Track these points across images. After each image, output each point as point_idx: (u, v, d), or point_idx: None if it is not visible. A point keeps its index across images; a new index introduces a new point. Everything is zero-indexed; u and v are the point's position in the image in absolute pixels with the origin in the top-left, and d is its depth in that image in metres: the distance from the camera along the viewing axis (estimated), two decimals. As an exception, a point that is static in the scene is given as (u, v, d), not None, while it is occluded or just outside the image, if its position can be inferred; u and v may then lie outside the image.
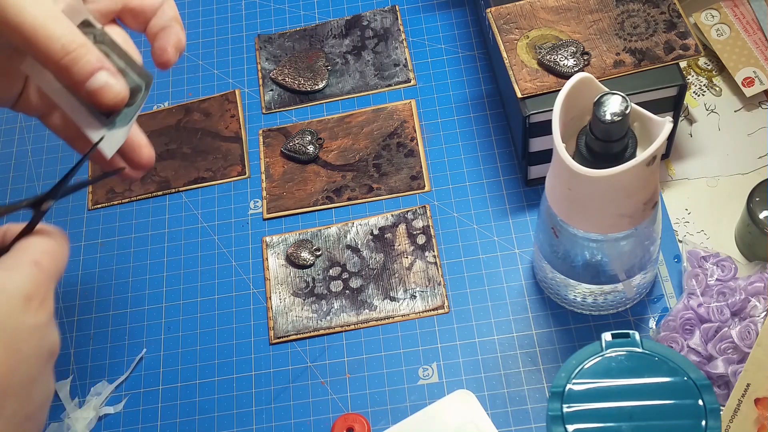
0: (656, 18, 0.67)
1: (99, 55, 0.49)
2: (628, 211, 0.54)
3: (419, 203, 0.73)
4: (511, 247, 0.70)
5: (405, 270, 0.70)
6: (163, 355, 0.69)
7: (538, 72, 0.66)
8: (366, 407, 0.65)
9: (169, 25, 0.56)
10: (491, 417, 0.62)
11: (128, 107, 0.52)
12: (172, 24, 0.56)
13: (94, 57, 0.48)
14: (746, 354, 0.59)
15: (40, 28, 0.47)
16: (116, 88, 0.49)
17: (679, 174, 0.71)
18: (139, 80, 0.52)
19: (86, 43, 0.48)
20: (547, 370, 0.64)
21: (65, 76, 0.48)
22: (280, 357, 0.68)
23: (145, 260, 0.74)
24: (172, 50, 0.56)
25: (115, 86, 0.49)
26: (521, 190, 0.73)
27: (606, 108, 0.51)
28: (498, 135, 0.76)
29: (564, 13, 0.69)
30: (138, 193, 0.77)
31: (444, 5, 0.84)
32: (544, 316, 0.67)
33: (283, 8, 0.87)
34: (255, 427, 0.65)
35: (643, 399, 0.49)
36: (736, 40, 0.74)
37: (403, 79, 0.80)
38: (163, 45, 0.55)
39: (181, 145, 0.79)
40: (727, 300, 0.62)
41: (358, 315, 0.68)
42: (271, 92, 0.81)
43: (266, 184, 0.76)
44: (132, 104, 0.52)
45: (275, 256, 0.72)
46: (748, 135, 0.72)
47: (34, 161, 0.81)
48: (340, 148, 0.77)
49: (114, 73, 0.49)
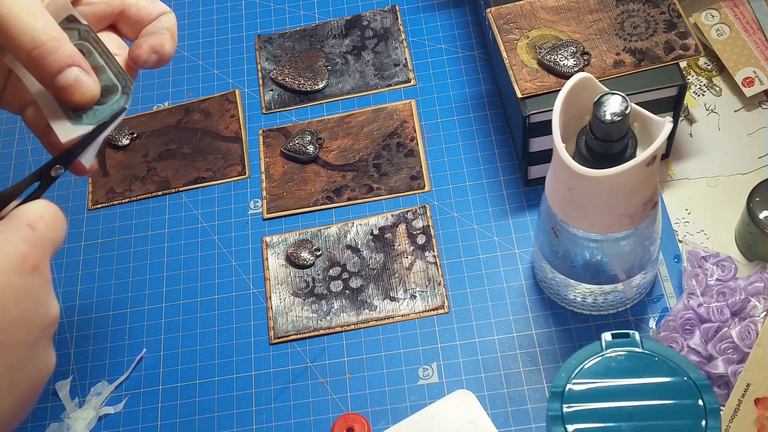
0: (656, 18, 0.67)
1: (72, 51, 0.48)
2: (628, 211, 0.54)
3: (419, 203, 0.73)
4: (511, 247, 0.70)
5: (405, 270, 0.70)
6: (163, 355, 0.69)
7: (538, 72, 0.66)
8: (366, 407, 0.65)
9: (157, 32, 0.55)
10: (491, 417, 0.62)
11: (99, 105, 0.51)
12: (162, 32, 0.55)
13: (65, 52, 0.48)
14: (746, 354, 0.59)
15: (14, 19, 0.46)
16: (86, 86, 0.49)
17: (679, 174, 0.71)
18: (115, 81, 0.52)
19: (61, 38, 0.48)
20: (547, 370, 0.64)
21: (35, 69, 0.48)
22: (280, 357, 0.68)
23: (145, 260, 0.74)
24: (147, 48, 0.54)
25: (86, 83, 0.49)
26: (521, 190, 0.73)
27: (606, 108, 0.51)
28: (498, 135, 0.76)
29: (564, 13, 0.69)
30: (138, 193, 0.77)
31: (444, 5, 0.84)
32: (544, 316, 0.67)
33: (283, 8, 0.87)
34: (255, 427, 0.65)
35: (643, 399, 0.49)
36: (736, 40, 0.74)
37: (403, 79, 0.80)
38: (141, 43, 0.54)
39: (181, 145, 0.79)
40: (727, 300, 0.62)
41: (358, 315, 0.69)
42: (271, 92, 0.81)
43: (266, 184, 0.76)
44: (103, 104, 0.51)
45: (275, 256, 0.72)
46: (748, 135, 0.72)
47: (34, 161, 0.81)
48: (340, 148, 0.77)
49: (87, 70, 0.49)
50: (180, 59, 0.85)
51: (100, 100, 0.51)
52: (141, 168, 0.78)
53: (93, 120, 0.51)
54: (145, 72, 0.82)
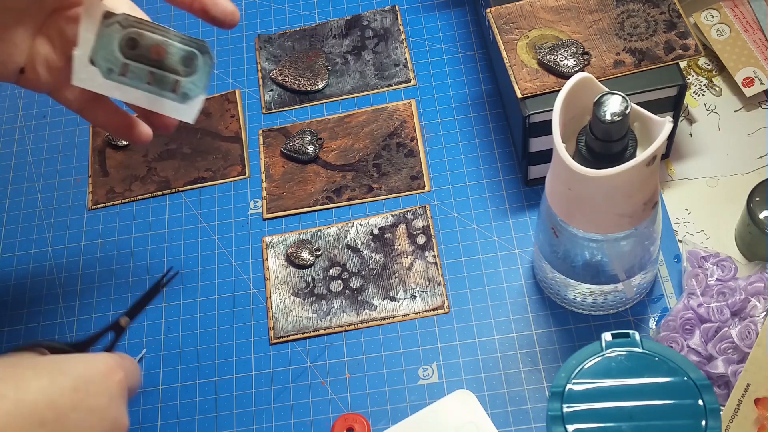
0: (656, 18, 0.67)
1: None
2: (628, 211, 0.54)
3: (419, 203, 0.73)
4: (511, 247, 0.70)
5: (405, 270, 0.70)
6: (163, 355, 0.69)
7: (538, 72, 0.66)
8: (366, 407, 0.65)
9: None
10: (491, 417, 0.62)
11: (192, 76, 0.56)
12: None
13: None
14: (746, 354, 0.59)
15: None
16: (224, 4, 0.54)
17: (679, 174, 0.71)
18: (187, 47, 0.55)
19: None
20: (547, 370, 0.64)
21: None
22: (280, 357, 0.68)
23: (145, 260, 0.74)
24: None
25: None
26: (521, 190, 0.73)
27: (606, 108, 0.51)
28: (498, 135, 0.76)
29: (564, 13, 0.69)
30: (138, 193, 0.77)
31: (444, 5, 0.84)
32: (544, 316, 0.67)
33: (283, 8, 0.87)
34: (255, 427, 0.65)
35: (643, 399, 0.49)
36: (736, 40, 0.74)
37: (403, 79, 0.80)
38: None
39: (181, 145, 0.79)
40: (727, 300, 0.62)
41: (358, 315, 0.68)
42: (271, 92, 0.81)
43: (266, 184, 0.76)
44: (196, 72, 0.56)
45: (275, 256, 0.72)
46: (748, 135, 0.72)
47: (34, 161, 0.81)
48: (340, 148, 0.77)
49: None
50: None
51: (187, 70, 0.56)
52: (141, 168, 0.78)
53: (201, 89, 0.56)
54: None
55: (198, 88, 0.56)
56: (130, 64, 0.55)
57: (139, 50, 0.55)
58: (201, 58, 0.55)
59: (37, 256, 0.75)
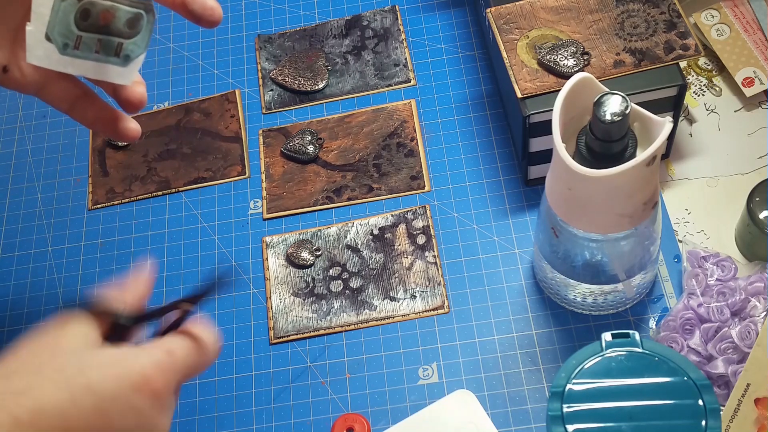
0: (656, 18, 0.67)
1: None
2: (628, 211, 0.54)
3: (419, 203, 0.73)
4: (511, 247, 0.70)
5: (405, 270, 0.70)
6: (163, 355, 0.69)
7: (538, 72, 0.66)
8: (366, 407, 0.65)
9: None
10: (491, 417, 0.62)
11: (135, 38, 0.54)
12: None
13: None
14: (746, 354, 0.59)
15: None
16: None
17: (679, 174, 0.71)
18: (133, 9, 0.53)
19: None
20: (547, 370, 0.64)
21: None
22: (280, 357, 0.68)
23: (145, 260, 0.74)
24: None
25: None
26: (521, 190, 0.73)
27: (606, 108, 0.51)
28: (498, 135, 0.76)
29: (564, 13, 0.69)
30: (138, 193, 0.77)
31: (444, 5, 0.84)
32: (544, 316, 0.67)
33: (283, 8, 0.87)
34: (255, 427, 0.65)
35: (643, 399, 0.49)
36: (736, 40, 0.74)
37: (403, 79, 0.80)
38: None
39: (181, 145, 0.79)
40: (727, 300, 0.62)
41: (358, 315, 0.68)
42: (271, 92, 0.81)
43: (266, 184, 0.76)
44: (135, 35, 0.54)
45: (275, 256, 0.72)
46: (748, 135, 0.72)
47: (34, 161, 0.81)
48: (340, 148, 0.77)
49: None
50: (180, 59, 0.85)
51: (131, 32, 0.54)
52: (141, 168, 0.78)
53: (142, 48, 0.54)
54: (146, 72, 0.82)
55: (139, 48, 0.54)
56: (83, 36, 0.53)
57: (91, 19, 0.53)
58: (145, 17, 0.53)
59: (37, 256, 0.75)
